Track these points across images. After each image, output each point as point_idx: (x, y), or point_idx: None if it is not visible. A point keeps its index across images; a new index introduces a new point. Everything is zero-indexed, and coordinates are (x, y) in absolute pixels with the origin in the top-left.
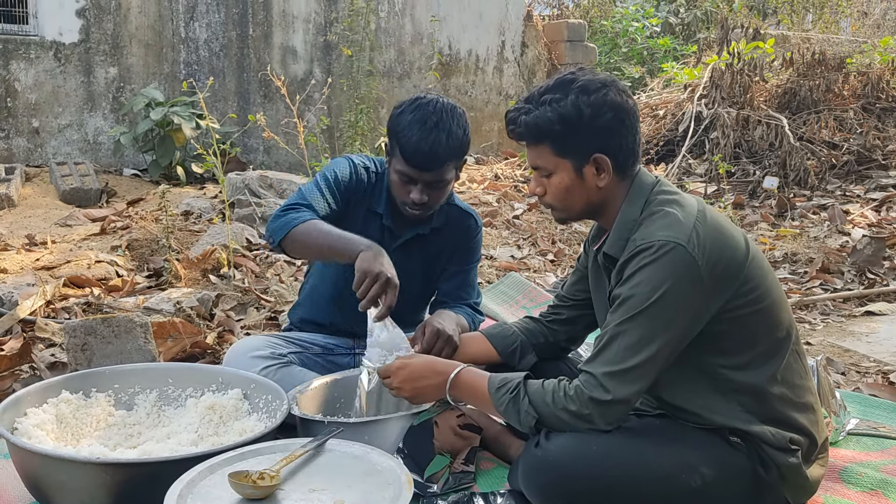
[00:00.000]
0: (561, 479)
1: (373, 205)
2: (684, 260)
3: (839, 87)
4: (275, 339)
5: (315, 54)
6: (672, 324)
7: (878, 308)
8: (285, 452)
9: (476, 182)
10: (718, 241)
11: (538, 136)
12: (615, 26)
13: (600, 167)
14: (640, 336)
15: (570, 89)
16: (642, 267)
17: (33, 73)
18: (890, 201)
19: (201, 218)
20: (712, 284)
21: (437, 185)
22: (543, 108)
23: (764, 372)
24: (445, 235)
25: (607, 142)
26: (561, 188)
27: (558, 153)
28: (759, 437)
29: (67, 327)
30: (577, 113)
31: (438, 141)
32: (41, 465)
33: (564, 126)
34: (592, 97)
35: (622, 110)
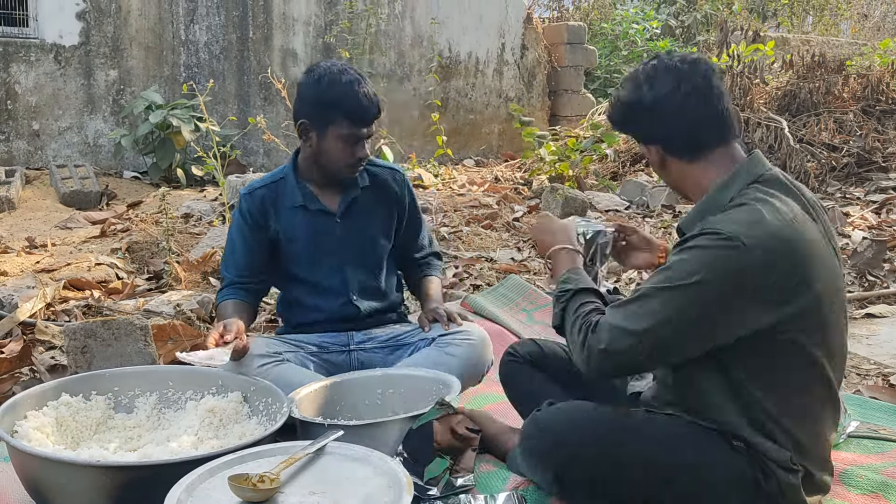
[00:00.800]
0: (558, 444)
1: (287, 203)
2: (739, 263)
3: (839, 89)
4: (271, 339)
5: (315, 57)
6: (702, 315)
7: (878, 310)
8: (285, 455)
9: (476, 184)
10: (795, 256)
11: (620, 126)
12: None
13: (662, 155)
14: (664, 310)
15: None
16: (698, 247)
17: (34, 75)
18: (890, 203)
19: (201, 220)
20: (764, 296)
21: (370, 137)
22: (616, 96)
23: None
24: (378, 190)
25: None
26: (656, 170)
27: (639, 140)
28: (761, 449)
29: (67, 330)
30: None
31: (370, 92)
32: (41, 468)
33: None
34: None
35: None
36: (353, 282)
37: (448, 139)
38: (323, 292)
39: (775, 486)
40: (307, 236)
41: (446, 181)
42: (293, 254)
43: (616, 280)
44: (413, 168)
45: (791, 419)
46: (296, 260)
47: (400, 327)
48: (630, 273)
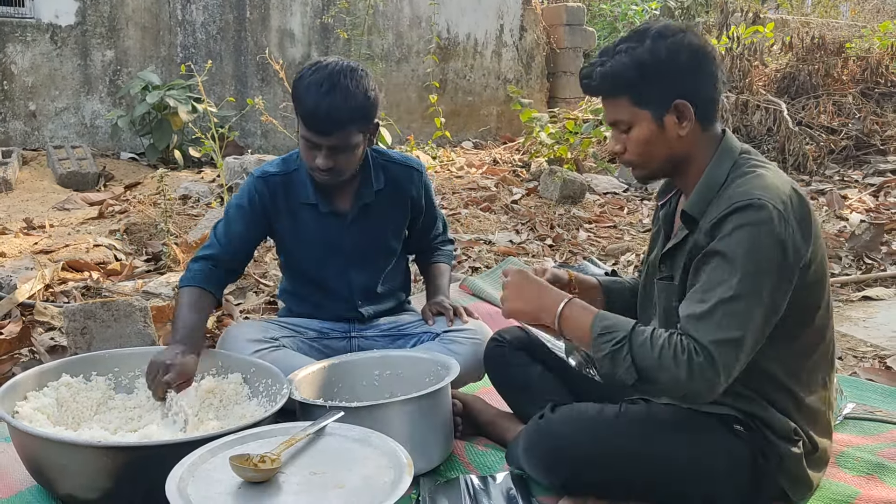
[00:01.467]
0: (563, 450)
1: (300, 198)
2: (783, 225)
3: (838, 71)
4: (269, 323)
5: (313, 37)
6: (773, 291)
7: (875, 293)
8: (286, 436)
9: (474, 167)
10: (806, 218)
11: (615, 88)
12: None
13: (682, 115)
14: (747, 304)
15: (646, 36)
16: (743, 226)
17: (30, 55)
18: (888, 186)
19: (199, 202)
20: (801, 255)
21: (342, 149)
22: (619, 56)
23: (786, 366)
24: (392, 192)
25: (687, 86)
26: (641, 141)
27: (637, 103)
28: (763, 421)
29: (67, 311)
30: (655, 57)
31: (335, 103)
32: (42, 449)
33: (642, 72)
34: (669, 41)
35: (702, 53)
36: (358, 286)
37: (446, 121)
38: (327, 292)
39: (775, 462)
40: (314, 237)
41: (444, 163)
42: (298, 251)
43: (614, 263)
44: (411, 150)
45: (799, 384)
46: (300, 257)
47: (402, 317)
48: (628, 255)
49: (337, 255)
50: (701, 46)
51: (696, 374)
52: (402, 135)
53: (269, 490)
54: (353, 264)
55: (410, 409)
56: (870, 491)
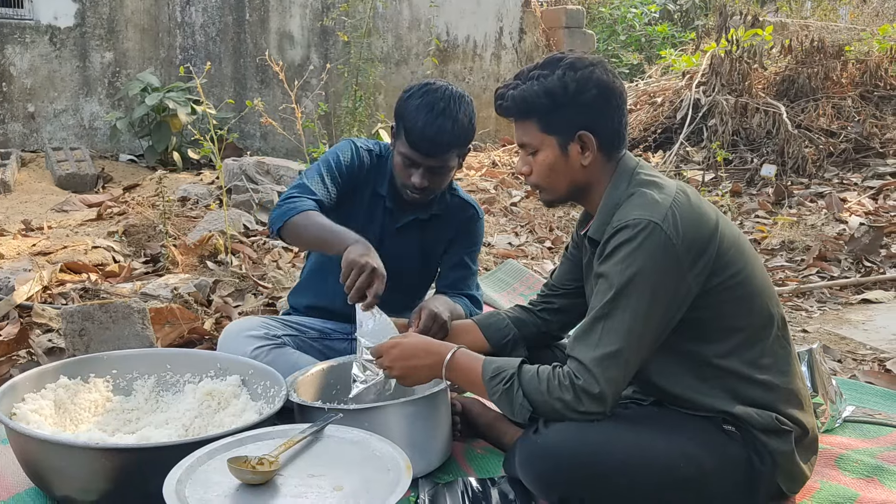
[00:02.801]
0: (559, 466)
1: (376, 187)
2: (660, 239)
3: (837, 74)
4: (271, 320)
5: (312, 40)
6: (654, 303)
7: (874, 296)
8: (284, 438)
9: (474, 169)
10: (695, 221)
11: (524, 111)
12: (613, 13)
13: (585, 145)
14: (622, 318)
15: (558, 66)
16: (619, 246)
17: (28, 57)
18: (887, 189)
19: (198, 204)
20: (690, 263)
21: (439, 170)
22: (530, 83)
23: (745, 359)
24: (444, 222)
25: (592, 119)
26: (546, 166)
27: (544, 129)
28: (747, 421)
29: (65, 313)
30: (563, 87)
31: (444, 127)
32: (40, 451)
33: (550, 100)
34: (578, 73)
35: (608, 88)
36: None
37: None
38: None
39: (769, 462)
40: (365, 223)
41: None
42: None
43: None
44: None
45: (762, 370)
46: None
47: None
48: None
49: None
50: (609, 82)
51: (581, 395)
52: None
53: (268, 492)
54: None
55: (409, 411)
56: (869, 494)
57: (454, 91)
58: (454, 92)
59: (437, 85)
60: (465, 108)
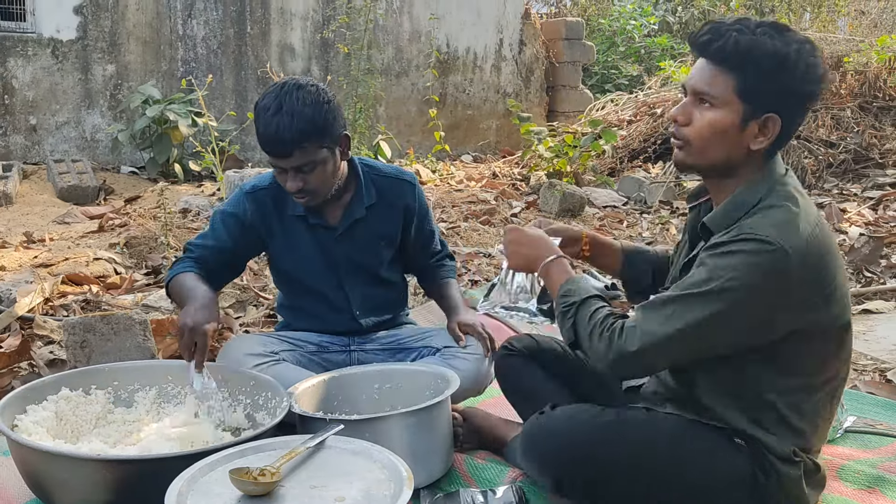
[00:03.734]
0: (560, 447)
1: (290, 210)
2: (782, 267)
3: (836, 85)
4: (268, 337)
5: (313, 52)
6: (738, 320)
7: (875, 306)
8: (286, 449)
9: (474, 180)
10: (824, 260)
11: (735, 63)
12: (613, 25)
13: (766, 129)
14: (699, 315)
15: (794, 37)
16: (738, 253)
17: (31, 70)
18: (887, 200)
19: (199, 215)
20: (800, 300)
21: (307, 168)
22: (763, 37)
23: (790, 402)
24: (384, 205)
25: (791, 108)
26: (714, 127)
27: (740, 91)
28: (763, 443)
29: (66, 325)
30: (794, 62)
31: (282, 124)
32: (42, 462)
33: (773, 65)
34: (810, 58)
35: (824, 86)
36: (356, 297)
37: (446, 135)
38: (325, 304)
39: (774, 481)
40: (307, 249)
41: (444, 177)
42: (293, 264)
43: None
44: (411, 163)
45: (800, 417)
46: (296, 270)
47: (402, 330)
48: None
49: (331, 268)
50: (828, 82)
51: (614, 348)
52: (402, 148)
53: (269, 503)
54: (348, 276)
55: (411, 421)
56: None
57: (292, 85)
58: (291, 86)
59: (283, 82)
60: (305, 97)
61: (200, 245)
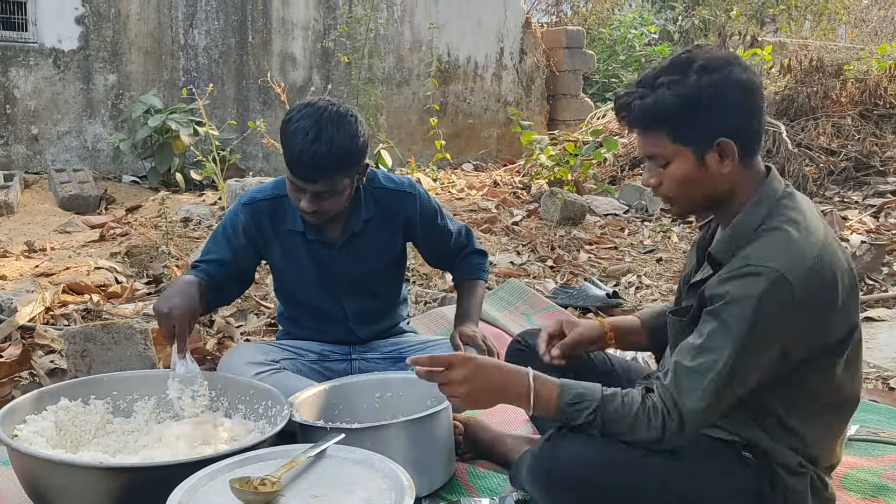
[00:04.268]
0: (569, 475)
1: (287, 224)
2: (788, 296)
3: (837, 93)
4: (269, 346)
5: (314, 61)
6: (765, 360)
7: (877, 314)
8: (286, 458)
9: (475, 189)
10: (829, 283)
11: (655, 123)
12: (613, 33)
13: (724, 153)
14: (734, 376)
15: (690, 68)
16: (749, 296)
17: (32, 80)
18: (888, 207)
19: (201, 224)
20: (808, 325)
21: (326, 195)
22: (661, 90)
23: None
24: (385, 218)
25: (733, 124)
26: (679, 179)
27: (677, 140)
28: (769, 454)
29: (67, 334)
30: (699, 93)
31: (319, 153)
32: (43, 471)
33: (685, 109)
34: (716, 76)
35: (749, 87)
36: (352, 310)
37: (447, 143)
38: (321, 317)
39: (780, 496)
40: (304, 263)
41: (445, 185)
42: (289, 277)
43: (615, 284)
44: (412, 172)
45: (811, 433)
46: (292, 283)
47: (403, 339)
48: (629, 277)
49: (328, 282)
50: (749, 80)
51: (668, 436)
52: (403, 157)
53: None
54: (346, 290)
55: (412, 430)
56: None
57: (332, 111)
58: (332, 112)
59: (316, 106)
60: (345, 128)
61: (203, 261)
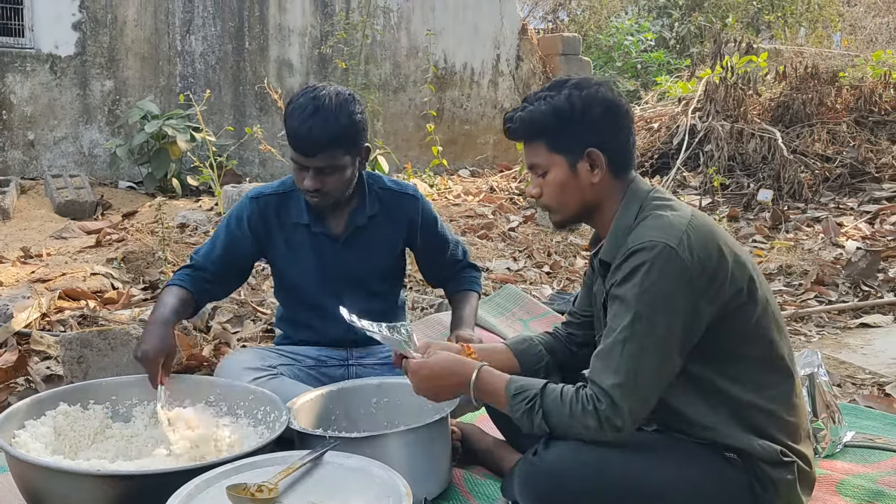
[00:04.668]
0: (558, 487)
1: (293, 218)
2: (676, 261)
3: (832, 100)
4: (266, 351)
5: (311, 67)
6: (673, 327)
7: (872, 320)
8: (283, 465)
9: (471, 195)
10: (710, 245)
11: (533, 133)
12: (610, 40)
13: (594, 163)
14: (641, 343)
15: (564, 86)
16: (636, 269)
17: (29, 85)
18: (883, 214)
19: (197, 230)
20: (704, 287)
21: (328, 171)
22: (538, 103)
23: (752, 387)
24: (387, 218)
25: (600, 136)
26: (556, 186)
27: (553, 149)
28: (750, 452)
29: (63, 340)
30: (570, 106)
31: (316, 126)
32: (42, 478)
33: (558, 119)
34: (584, 92)
35: (614, 106)
36: (351, 309)
37: (443, 149)
38: (321, 315)
39: (771, 490)
40: (307, 257)
41: (442, 191)
42: (292, 271)
43: None
44: (409, 178)
45: (767, 400)
46: (294, 278)
47: None
48: None
49: (330, 277)
50: (614, 100)
51: (605, 423)
52: (400, 163)
53: None
54: (347, 286)
55: (409, 438)
56: None
57: (331, 90)
58: (330, 91)
59: (316, 87)
60: (342, 105)
61: (202, 253)
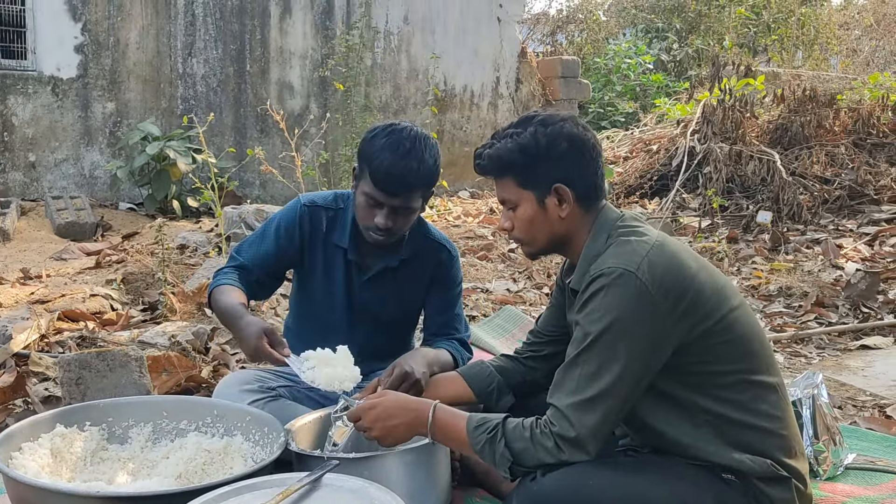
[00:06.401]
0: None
1: (334, 238)
2: (634, 286)
3: (830, 122)
4: (265, 373)
5: (312, 90)
6: (631, 350)
7: (873, 342)
8: (282, 487)
9: (471, 216)
10: (672, 268)
11: (501, 169)
12: (608, 63)
13: (561, 197)
14: (598, 364)
15: (530, 123)
16: (593, 295)
17: (31, 107)
18: (883, 235)
19: (197, 251)
20: (668, 309)
21: (403, 211)
22: (505, 140)
23: (736, 404)
24: (418, 266)
25: (566, 172)
26: (525, 220)
27: (521, 184)
28: (744, 470)
29: (62, 361)
30: (535, 142)
31: (409, 167)
32: (39, 500)
33: (524, 156)
34: (549, 129)
35: (579, 141)
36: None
37: (443, 171)
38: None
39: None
40: (334, 279)
41: (442, 212)
42: (314, 287)
43: None
44: None
45: (752, 414)
46: (314, 295)
47: None
48: None
49: (347, 305)
50: (579, 135)
51: (559, 441)
52: None
53: None
54: (359, 320)
55: (409, 459)
56: None
57: (419, 131)
58: (419, 132)
59: (403, 125)
60: (431, 149)
61: (249, 255)
